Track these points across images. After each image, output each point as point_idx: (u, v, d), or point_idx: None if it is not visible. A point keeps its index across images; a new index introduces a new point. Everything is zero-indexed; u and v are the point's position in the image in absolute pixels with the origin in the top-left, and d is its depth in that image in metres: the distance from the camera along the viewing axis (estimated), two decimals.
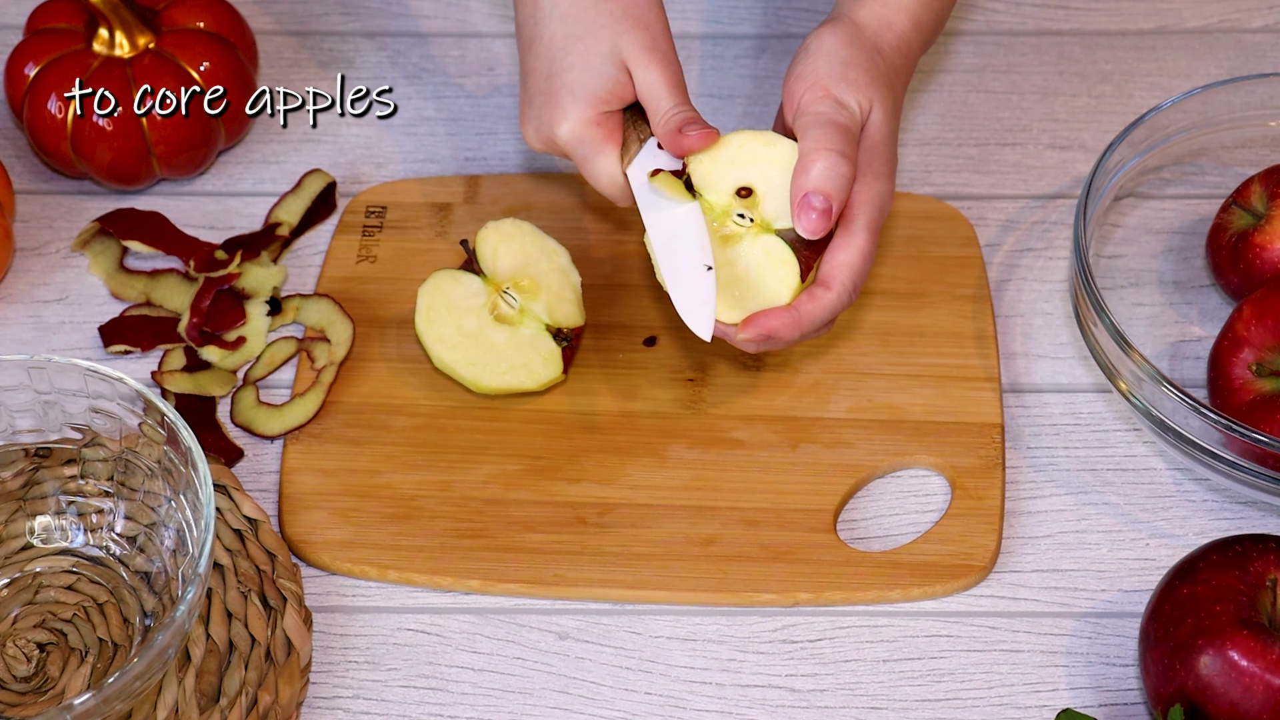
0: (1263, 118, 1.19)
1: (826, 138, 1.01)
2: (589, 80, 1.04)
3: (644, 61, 1.04)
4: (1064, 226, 1.23)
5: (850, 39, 1.05)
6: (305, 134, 1.29)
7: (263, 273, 1.19)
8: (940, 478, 1.11)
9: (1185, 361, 1.16)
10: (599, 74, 1.04)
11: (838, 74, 1.03)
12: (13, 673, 1.02)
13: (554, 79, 1.05)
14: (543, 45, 1.05)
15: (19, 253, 1.23)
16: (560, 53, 1.04)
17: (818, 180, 1.00)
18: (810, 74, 1.03)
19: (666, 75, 1.04)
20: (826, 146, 1.00)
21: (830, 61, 1.03)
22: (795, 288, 1.01)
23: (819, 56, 1.04)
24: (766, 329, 1.00)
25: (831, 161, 1.00)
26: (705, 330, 1.00)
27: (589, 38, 1.04)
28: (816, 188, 1.00)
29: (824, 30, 1.05)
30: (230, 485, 1.08)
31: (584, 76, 1.04)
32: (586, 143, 1.05)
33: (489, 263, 1.13)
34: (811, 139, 1.01)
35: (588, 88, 1.04)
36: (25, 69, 1.22)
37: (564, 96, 1.04)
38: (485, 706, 1.03)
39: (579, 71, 1.04)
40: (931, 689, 1.03)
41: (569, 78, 1.04)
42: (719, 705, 1.03)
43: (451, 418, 1.13)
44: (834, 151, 1.00)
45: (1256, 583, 0.98)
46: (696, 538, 1.08)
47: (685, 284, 1.02)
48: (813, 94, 1.03)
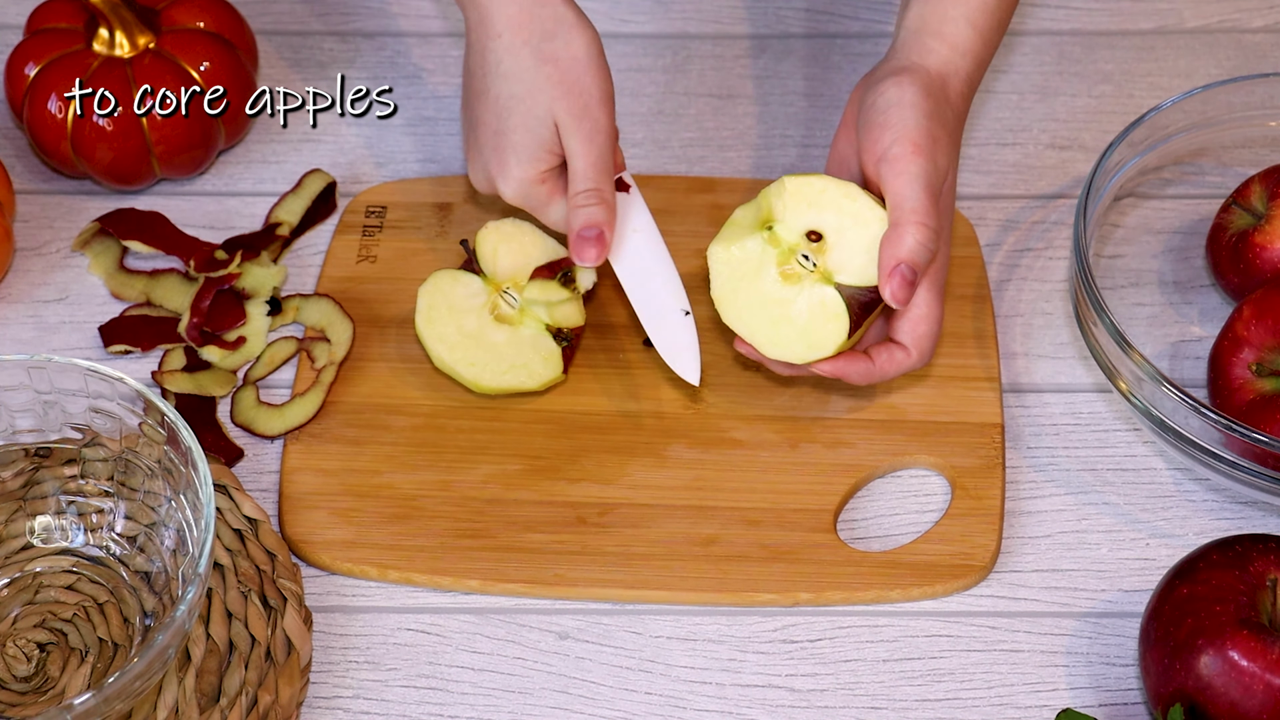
0: (1263, 118, 1.19)
1: (923, 210, 1.02)
2: (530, 143, 1.06)
3: (570, 130, 1.06)
4: (1064, 226, 1.23)
5: (926, 90, 1.05)
6: (305, 134, 1.29)
7: (263, 273, 1.19)
8: (940, 478, 1.11)
9: (1185, 361, 1.16)
10: (538, 137, 1.06)
11: (925, 130, 1.03)
12: (13, 673, 1.02)
13: (500, 137, 1.07)
14: (490, 100, 1.08)
15: (19, 253, 1.23)
16: (505, 112, 1.07)
17: (912, 253, 1.01)
18: (898, 125, 1.03)
19: (589, 149, 1.06)
20: (923, 221, 1.02)
21: (916, 115, 1.04)
22: (840, 344, 1.03)
23: (903, 108, 1.04)
24: (840, 371, 1.04)
25: (926, 237, 1.02)
26: (693, 375, 1.07)
27: (529, 100, 1.06)
28: (911, 260, 1.01)
29: (902, 80, 1.05)
30: (230, 485, 1.08)
31: (525, 139, 1.06)
32: (531, 198, 1.08)
33: (489, 263, 1.13)
34: (909, 208, 1.02)
35: (529, 150, 1.07)
36: (25, 69, 1.22)
37: (509, 156, 1.07)
38: (485, 706, 1.03)
39: (521, 134, 1.06)
40: (931, 689, 1.03)
41: (513, 138, 1.07)
42: (719, 705, 1.03)
43: (451, 418, 1.13)
44: (929, 227, 1.02)
45: (1256, 583, 0.98)
46: (696, 538, 1.08)
47: (665, 331, 1.08)
48: (902, 148, 1.03)
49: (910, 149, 1.03)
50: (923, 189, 1.02)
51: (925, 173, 1.02)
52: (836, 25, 1.35)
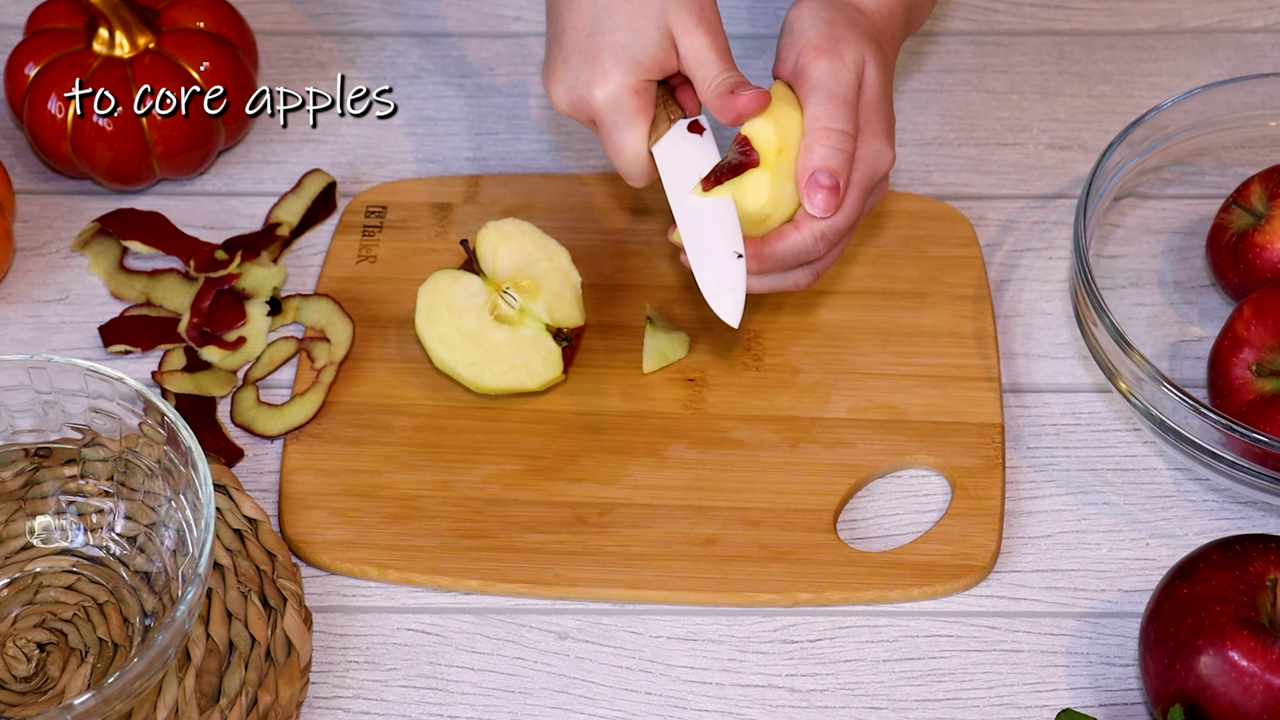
0: (1263, 118, 1.19)
1: (824, 116, 1.01)
2: (634, 43, 1.02)
3: (691, 28, 1.02)
4: (1064, 226, 1.23)
5: (827, 4, 1.04)
6: (305, 134, 1.29)
7: (263, 273, 1.19)
8: (940, 478, 1.11)
9: (1185, 361, 1.16)
10: (645, 38, 1.02)
11: (825, 34, 1.02)
12: (13, 673, 1.02)
13: (597, 38, 1.03)
14: (586, 2, 1.03)
15: (19, 253, 1.23)
16: (605, 12, 1.02)
17: (822, 159, 1.01)
18: (799, 37, 1.03)
19: (714, 42, 1.03)
20: (825, 127, 1.01)
21: (815, 23, 1.03)
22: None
23: (800, 23, 1.03)
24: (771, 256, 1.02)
25: (834, 142, 1.01)
26: (733, 317, 1.01)
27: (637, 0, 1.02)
28: (822, 165, 1.01)
29: (799, 4, 1.04)
30: (230, 485, 1.08)
31: (629, 39, 1.02)
32: (621, 109, 1.03)
33: (489, 263, 1.13)
34: (812, 115, 1.01)
35: (632, 51, 1.02)
36: (25, 69, 1.22)
37: (606, 58, 1.02)
38: (485, 706, 1.03)
39: (625, 33, 1.02)
40: (931, 689, 1.03)
41: (613, 39, 1.02)
42: (719, 705, 1.03)
43: (451, 418, 1.13)
44: (832, 130, 1.01)
45: (1256, 583, 0.98)
46: (696, 538, 1.08)
47: (713, 269, 1.02)
48: (805, 57, 1.02)
49: (811, 55, 1.02)
50: (824, 95, 1.01)
51: (827, 75, 1.01)
52: None
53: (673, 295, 1.19)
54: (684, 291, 1.19)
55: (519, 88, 1.31)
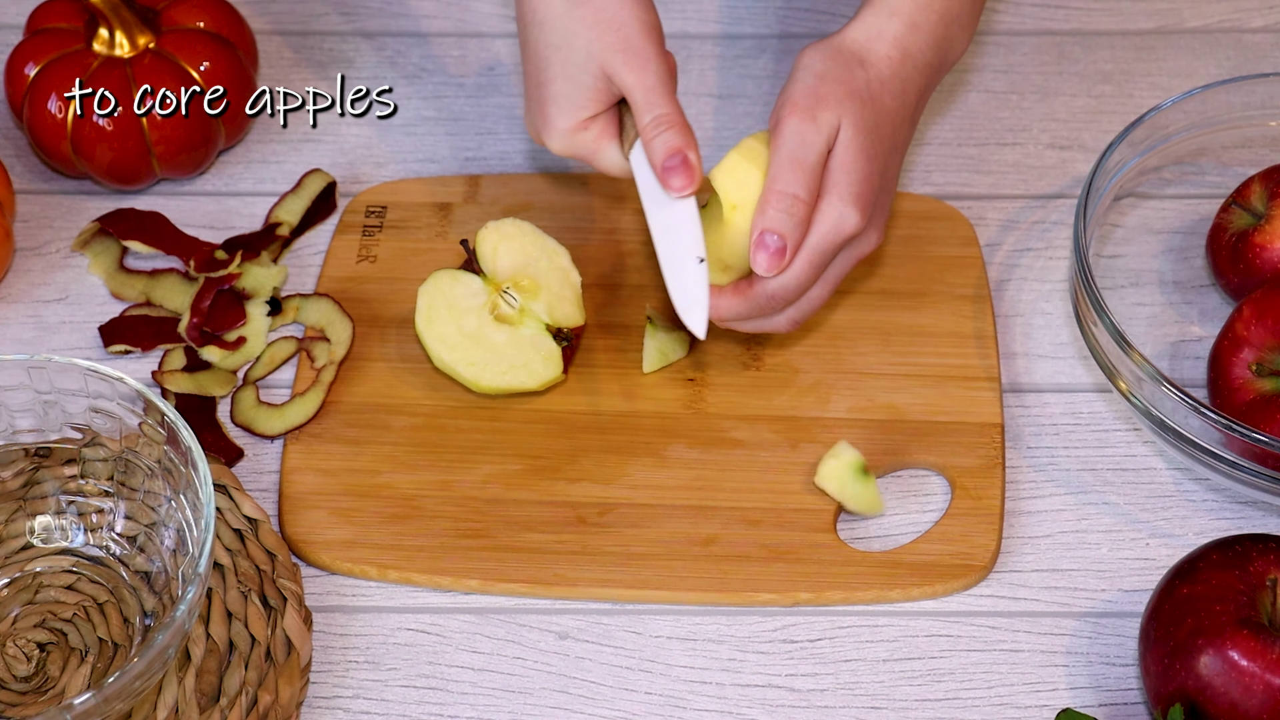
0: (1263, 118, 1.19)
1: (783, 176, 1.01)
2: (571, 92, 1.04)
3: (619, 67, 1.03)
4: (1064, 226, 1.23)
5: (832, 54, 1.04)
6: (305, 134, 1.29)
7: (263, 273, 1.19)
8: (940, 478, 1.11)
9: (1185, 361, 1.16)
10: (580, 85, 1.04)
11: (809, 89, 1.02)
12: (13, 672, 1.02)
13: (541, 89, 1.05)
14: (530, 52, 1.06)
15: (19, 253, 1.23)
16: (544, 62, 1.05)
17: (770, 221, 1.01)
18: (786, 91, 1.03)
19: (642, 79, 1.03)
20: (781, 187, 1.01)
21: (805, 76, 1.03)
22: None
23: (796, 71, 1.04)
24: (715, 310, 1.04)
25: (785, 204, 1.01)
26: (700, 329, 1.02)
27: (565, 47, 1.04)
28: (770, 227, 1.01)
29: (807, 49, 1.05)
30: (230, 485, 1.08)
31: (565, 88, 1.04)
32: (579, 147, 1.06)
33: (489, 262, 1.13)
34: (770, 176, 1.02)
35: (571, 99, 1.04)
36: (25, 69, 1.22)
37: (550, 109, 1.05)
38: (485, 706, 1.03)
39: (561, 83, 1.04)
40: (931, 689, 1.03)
41: (553, 89, 1.05)
42: (719, 705, 1.03)
43: (451, 418, 1.13)
44: (783, 194, 1.01)
45: (1256, 582, 0.98)
46: (696, 538, 1.08)
47: (680, 279, 1.03)
48: (779, 114, 1.03)
49: (786, 111, 1.02)
50: (785, 156, 1.01)
51: (793, 136, 1.01)
52: (836, 25, 1.35)
53: None
54: None
55: (519, 88, 1.32)
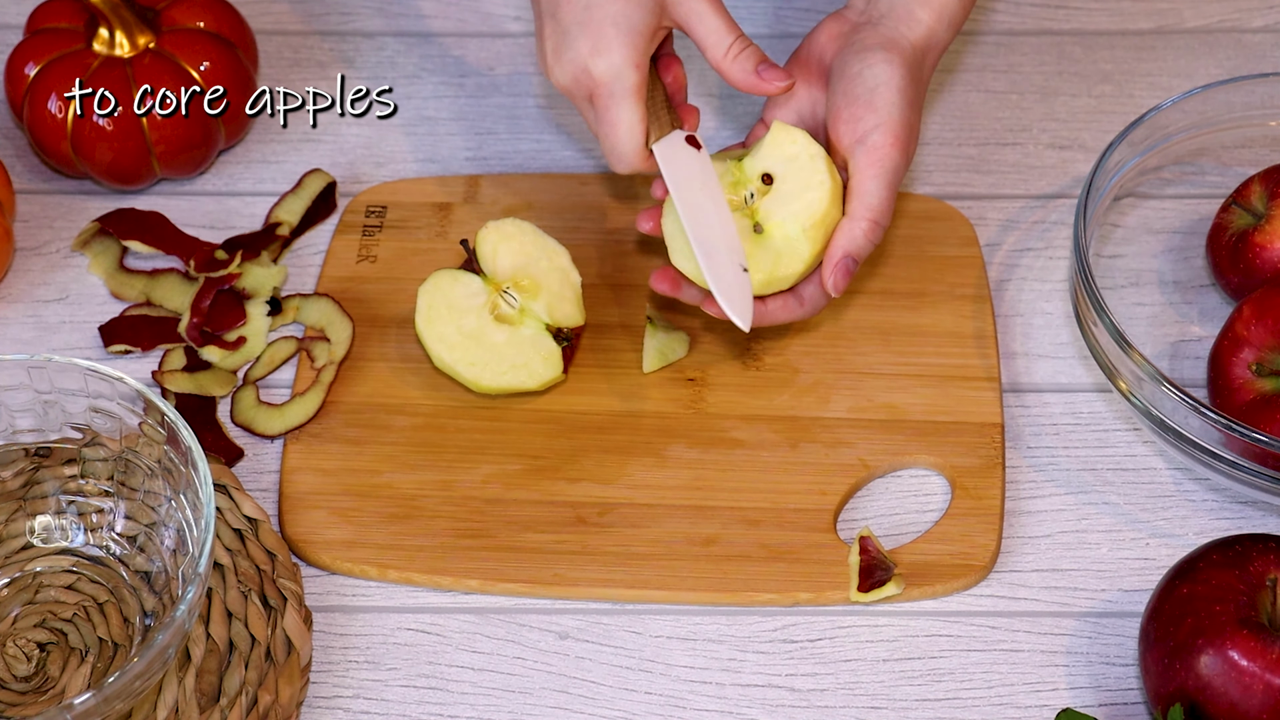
0: (1263, 118, 1.19)
1: (880, 208, 1.04)
2: (633, 13, 1.02)
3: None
4: (1064, 226, 1.23)
5: (913, 74, 1.05)
6: (305, 134, 1.29)
7: (263, 273, 1.19)
8: (940, 478, 1.11)
9: (1185, 361, 1.16)
10: (643, 7, 1.02)
11: (906, 120, 1.04)
12: (13, 672, 1.02)
13: (594, 9, 1.02)
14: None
15: (19, 253, 1.23)
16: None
17: (860, 248, 1.04)
18: (883, 110, 1.04)
19: (715, 5, 1.04)
20: (878, 220, 1.04)
21: (901, 102, 1.04)
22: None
23: (890, 91, 1.04)
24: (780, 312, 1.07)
25: (877, 236, 1.05)
26: (746, 321, 1.04)
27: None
28: (857, 253, 1.04)
29: (893, 58, 1.05)
30: (230, 485, 1.08)
31: (628, 9, 1.02)
32: (621, 80, 1.03)
33: (489, 262, 1.13)
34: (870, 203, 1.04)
35: (631, 21, 1.02)
36: (25, 69, 1.22)
37: (607, 29, 1.02)
38: (485, 706, 1.03)
39: (623, 4, 1.02)
40: (931, 689, 1.03)
41: (612, 9, 1.02)
42: (719, 705, 1.03)
43: (451, 417, 1.13)
44: (881, 226, 1.04)
45: (1256, 582, 0.98)
46: (696, 538, 1.08)
47: (724, 280, 1.04)
48: (882, 137, 1.03)
49: (890, 140, 1.03)
50: (886, 185, 1.03)
51: (896, 168, 1.03)
52: None
53: (673, 295, 1.18)
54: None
55: (519, 88, 1.31)
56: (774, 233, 1.05)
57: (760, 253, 1.05)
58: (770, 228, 1.05)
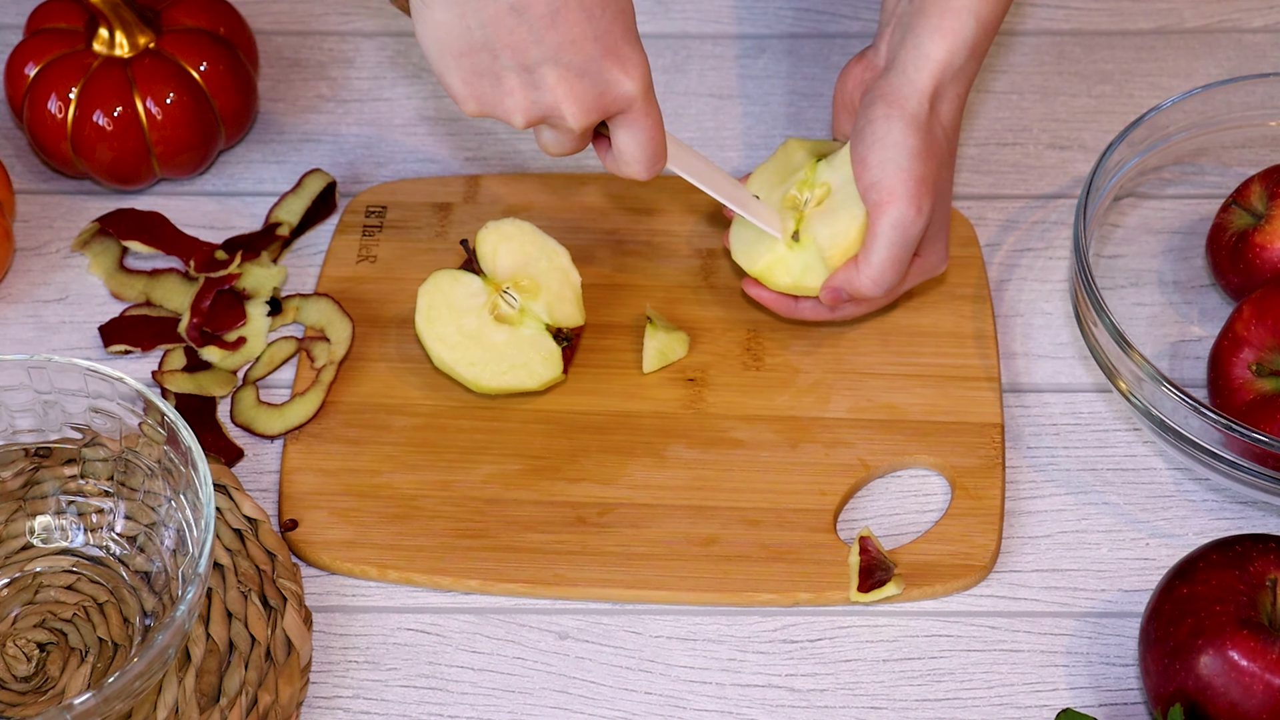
0: (1263, 118, 1.19)
1: (880, 267, 1.07)
2: (631, 22, 0.99)
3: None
4: (1064, 226, 1.23)
5: (916, 124, 1.06)
6: (305, 134, 1.29)
7: (263, 273, 1.19)
8: (940, 478, 1.11)
9: (1185, 361, 1.16)
10: (629, 11, 0.99)
11: (908, 173, 1.06)
12: (13, 672, 1.02)
13: (605, 35, 0.97)
14: (573, 13, 0.96)
15: (19, 253, 1.23)
16: (597, 9, 0.96)
17: (855, 290, 1.08)
18: (877, 168, 1.06)
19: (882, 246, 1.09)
20: (876, 279, 1.08)
21: (899, 156, 1.06)
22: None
23: (885, 148, 1.06)
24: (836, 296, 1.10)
25: (873, 291, 1.08)
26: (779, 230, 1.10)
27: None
28: (857, 293, 1.09)
29: (891, 114, 1.06)
30: (230, 485, 1.08)
31: (628, 19, 0.98)
32: (652, 88, 1.00)
33: (489, 262, 1.13)
34: (873, 259, 1.07)
35: (628, 20, 0.99)
36: (25, 69, 1.22)
37: (624, 48, 0.98)
38: (485, 706, 1.03)
39: (626, 15, 0.98)
40: (931, 689, 1.03)
41: (617, 27, 0.97)
42: (719, 705, 1.03)
43: (451, 418, 1.13)
44: (879, 285, 1.08)
45: (1256, 582, 0.98)
46: (696, 538, 1.08)
47: (751, 208, 1.10)
48: (879, 195, 1.06)
49: (885, 197, 1.05)
50: (887, 243, 1.06)
51: (898, 223, 1.06)
52: (836, 25, 1.35)
53: (673, 295, 1.19)
54: (684, 291, 1.19)
55: None
56: (807, 245, 1.09)
57: (792, 259, 1.10)
58: (806, 240, 1.09)
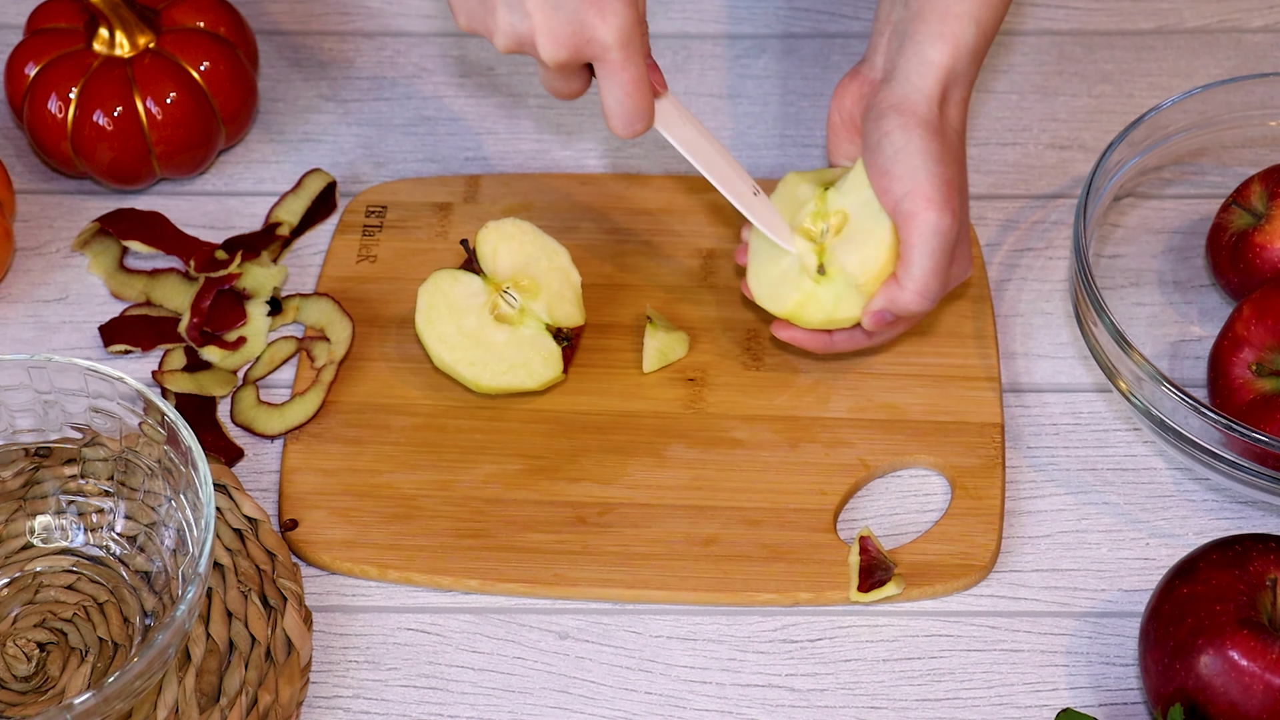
0: (1263, 118, 1.19)
1: (924, 278, 1.04)
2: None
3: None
4: (1064, 226, 1.23)
5: (932, 129, 1.04)
6: (305, 134, 1.29)
7: (263, 273, 1.19)
8: (940, 478, 1.11)
9: (1185, 361, 1.16)
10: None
11: (938, 178, 1.03)
12: (13, 672, 1.02)
13: None
14: None
15: (19, 253, 1.23)
16: None
17: (901, 309, 1.05)
18: (907, 177, 1.03)
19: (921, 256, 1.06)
20: (922, 292, 1.05)
21: (926, 162, 1.03)
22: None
23: (910, 155, 1.03)
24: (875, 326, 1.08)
25: (920, 306, 1.05)
26: (785, 238, 1.08)
27: None
28: (898, 312, 1.06)
29: (908, 122, 1.04)
30: (230, 485, 1.08)
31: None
32: (634, 43, 1.00)
33: (489, 262, 1.13)
34: (916, 273, 1.04)
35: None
36: (25, 69, 1.22)
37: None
38: (485, 706, 1.03)
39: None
40: (931, 689, 1.03)
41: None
42: (719, 705, 1.03)
43: (451, 417, 1.13)
44: (926, 298, 1.05)
45: (1256, 582, 0.98)
46: (696, 538, 1.08)
47: (749, 204, 1.08)
48: (914, 204, 1.03)
49: (922, 205, 1.03)
50: (928, 253, 1.03)
51: (937, 229, 1.03)
52: (836, 25, 1.35)
53: (673, 295, 1.19)
54: (684, 291, 1.19)
55: (519, 88, 1.32)
56: (835, 276, 1.06)
57: (822, 293, 1.07)
58: (833, 271, 1.06)
